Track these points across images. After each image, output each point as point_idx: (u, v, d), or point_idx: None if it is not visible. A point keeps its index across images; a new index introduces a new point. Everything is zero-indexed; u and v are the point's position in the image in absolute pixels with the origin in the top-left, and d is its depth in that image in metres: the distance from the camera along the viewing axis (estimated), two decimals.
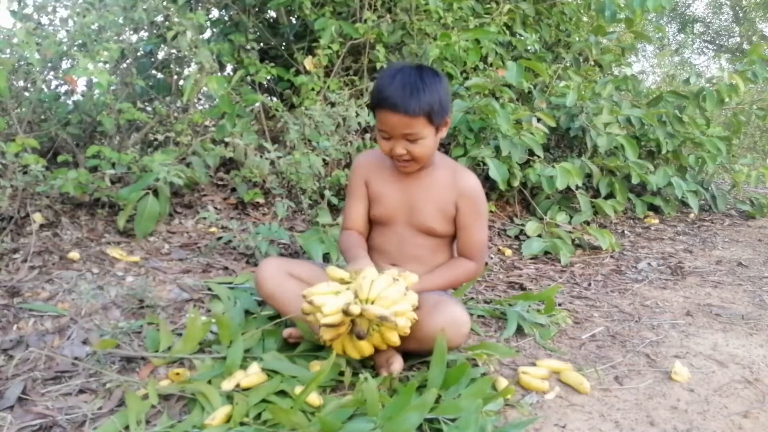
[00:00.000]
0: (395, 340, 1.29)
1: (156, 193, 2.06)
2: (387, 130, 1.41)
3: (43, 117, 2.34)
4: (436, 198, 1.51)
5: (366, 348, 1.31)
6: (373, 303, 1.24)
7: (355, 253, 1.47)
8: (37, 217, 1.93)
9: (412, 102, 1.35)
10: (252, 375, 1.28)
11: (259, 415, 1.16)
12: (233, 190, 2.53)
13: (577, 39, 3.83)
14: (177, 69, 2.56)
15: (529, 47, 3.19)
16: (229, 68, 3.11)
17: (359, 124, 2.49)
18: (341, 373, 1.34)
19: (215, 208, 2.38)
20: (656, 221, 3.41)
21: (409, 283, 1.32)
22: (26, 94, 2.24)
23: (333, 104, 2.52)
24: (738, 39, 14.61)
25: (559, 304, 1.95)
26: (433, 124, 1.41)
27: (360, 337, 1.26)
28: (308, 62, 2.65)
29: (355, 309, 1.22)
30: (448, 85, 1.46)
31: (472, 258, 1.54)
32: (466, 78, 3.00)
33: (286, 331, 1.46)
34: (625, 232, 3.16)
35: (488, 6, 3.27)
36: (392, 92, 1.36)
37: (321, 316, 1.23)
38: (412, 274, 1.36)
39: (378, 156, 1.56)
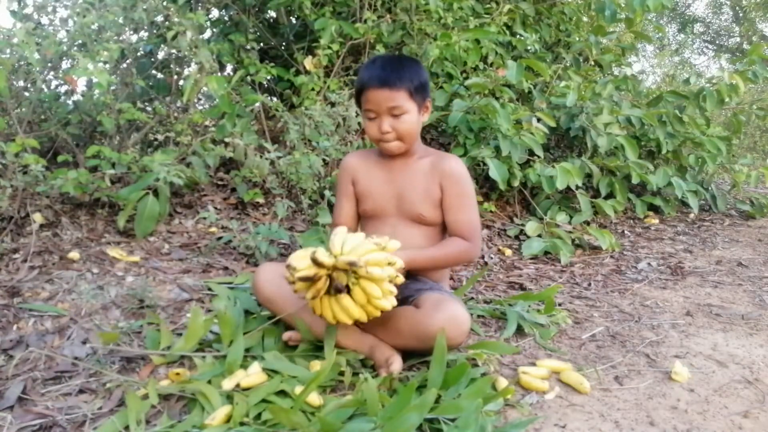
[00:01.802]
0: (377, 293, 1.28)
1: (156, 193, 2.06)
2: (373, 108, 1.48)
3: (43, 117, 2.34)
4: (421, 184, 1.54)
5: (354, 309, 1.30)
6: None
7: None
8: (37, 217, 1.93)
9: (393, 76, 1.45)
10: (252, 375, 1.28)
11: (259, 415, 1.16)
12: (233, 190, 2.52)
13: (577, 39, 3.82)
14: (177, 69, 2.56)
15: (529, 47, 3.19)
16: (229, 68, 3.11)
17: (359, 124, 2.49)
18: (341, 373, 1.34)
19: (215, 208, 2.38)
20: (656, 221, 3.40)
21: (389, 249, 1.33)
22: (26, 94, 2.24)
23: (333, 104, 2.52)
24: (738, 39, 14.61)
25: (559, 304, 1.95)
26: (415, 100, 1.48)
27: (338, 290, 1.28)
28: (308, 62, 2.65)
29: (322, 256, 1.25)
30: (426, 73, 1.56)
31: (465, 239, 1.53)
32: (466, 78, 3.00)
33: (286, 335, 1.46)
34: (625, 232, 3.16)
35: (488, 6, 3.27)
36: (374, 72, 1.47)
37: (295, 272, 1.27)
38: (394, 240, 1.37)
39: (363, 155, 1.64)
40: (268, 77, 2.64)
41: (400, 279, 1.32)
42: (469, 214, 1.54)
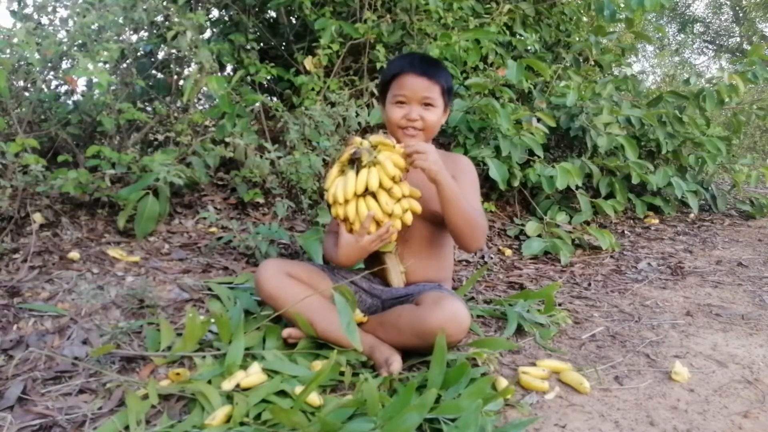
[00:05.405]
0: (391, 170, 1.39)
1: (156, 193, 2.06)
2: (407, 93, 1.53)
3: (43, 117, 2.34)
4: None
5: (360, 182, 1.41)
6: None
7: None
8: (37, 217, 1.93)
9: (433, 70, 1.54)
10: (252, 375, 1.28)
11: (259, 415, 1.16)
12: (233, 190, 2.52)
13: (577, 39, 3.82)
14: (177, 69, 2.56)
15: (529, 47, 3.19)
16: (229, 68, 3.11)
17: (359, 124, 2.49)
18: (341, 373, 1.34)
19: (215, 208, 2.38)
20: (656, 221, 3.40)
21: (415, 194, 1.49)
22: (26, 94, 2.24)
23: (333, 104, 2.52)
24: (738, 39, 14.63)
25: (559, 304, 1.95)
26: (443, 99, 1.56)
27: (355, 154, 1.40)
28: (308, 62, 2.65)
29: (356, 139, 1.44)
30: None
31: None
32: (466, 78, 3.00)
33: (286, 332, 1.46)
34: (625, 232, 3.16)
35: (488, 6, 3.27)
36: (415, 62, 1.55)
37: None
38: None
39: None
40: (268, 77, 2.64)
41: (417, 206, 1.46)
42: (479, 204, 1.63)
